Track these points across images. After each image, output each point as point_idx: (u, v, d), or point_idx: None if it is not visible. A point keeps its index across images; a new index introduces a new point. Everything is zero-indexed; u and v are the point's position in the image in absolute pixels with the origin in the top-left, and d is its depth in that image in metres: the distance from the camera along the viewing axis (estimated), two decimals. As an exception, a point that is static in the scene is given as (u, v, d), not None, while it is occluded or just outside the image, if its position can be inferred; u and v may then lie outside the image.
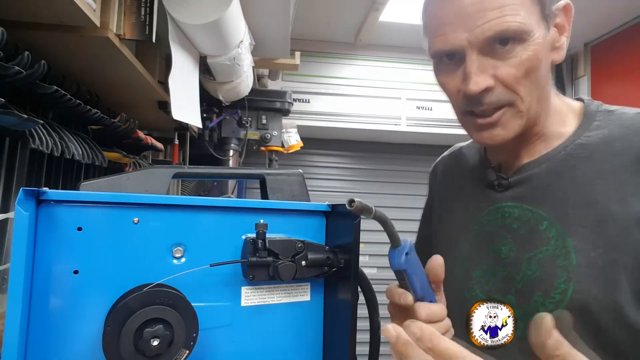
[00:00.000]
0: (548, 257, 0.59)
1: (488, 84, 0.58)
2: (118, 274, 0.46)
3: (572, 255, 0.57)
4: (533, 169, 0.64)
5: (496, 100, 0.59)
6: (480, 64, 0.58)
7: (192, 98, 1.10)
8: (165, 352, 0.42)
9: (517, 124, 0.60)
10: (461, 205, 0.74)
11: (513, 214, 0.64)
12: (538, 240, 0.61)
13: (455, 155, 0.83)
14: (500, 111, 0.60)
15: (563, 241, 0.59)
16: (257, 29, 1.36)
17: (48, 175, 0.94)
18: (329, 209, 0.57)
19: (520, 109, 0.60)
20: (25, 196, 0.40)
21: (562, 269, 0.58)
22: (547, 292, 0.58)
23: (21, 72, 0.68)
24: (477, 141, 0.65)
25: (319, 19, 2.45)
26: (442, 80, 0.64)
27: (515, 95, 0.59)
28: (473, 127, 0.63)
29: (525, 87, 0.59)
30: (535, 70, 0.58)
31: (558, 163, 0.62)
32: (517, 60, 0.57)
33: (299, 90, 2.56)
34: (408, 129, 2.64)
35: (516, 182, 0.65)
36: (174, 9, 0.95)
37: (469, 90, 0.58)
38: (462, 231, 0.72)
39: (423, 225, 0.91)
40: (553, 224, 0.60)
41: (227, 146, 1.83)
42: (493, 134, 0.61)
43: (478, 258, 0.68)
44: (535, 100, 0.60)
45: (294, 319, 0.55)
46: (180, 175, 0.58)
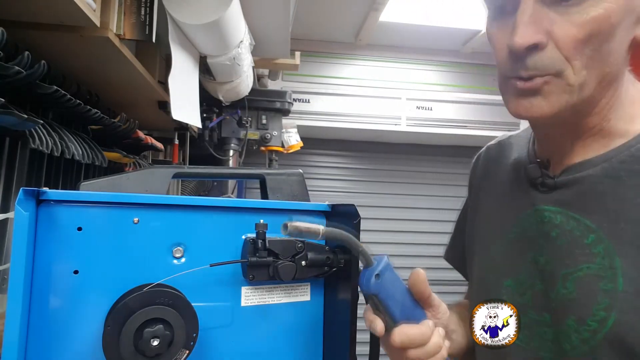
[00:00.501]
0: (589, 277, 0.50)
1: (537, 39, 0.47)
2: (118, 274, 0.46)
3: (619, 280, 0.48)
4: (586, 169, 0.53)
5: (543, 66, 0.48)
6: (533, 14, 0.47)
7: (192, 98, 1.10)
8: (165, 352, 0.42)
9: (564, 99, 0.49)
10: (500, 202, 0.65)
11: (554, 220, 0.54)
12: (580, 256, 0.51)
13: (502, 144, 0.71)
14: (545, 78, 0.49)
15: (611, 261, 0.49)
16: (257, 29, 1.36)
17: (48, 175, 0.94)
18: (329, 209, 0.57)
19: (569, 82, 0.48)
20: (25, 196, 0.40)
21: (604, 293, 0.49)
22: (583, 318, 0.50)
23: (21, 72, 0.68)
24: (511, 112, 0.53)
25: (319, 19, 2.45)
26: (490, 35, 0.54)
27: (567, 63, 0.47)
28: (511, 92, 0.52)
29: (582, 55, 0.47)
30: (602, 37, 0.46)
31: (617, 166, 0.51)
32: (581, 17, 0.45)
33: (299, 90, 2.56)
34: (408, 129, 2.64)
35: (563, 183, 0.55)
36: (174, 9, 0.95)
37: (514, 44, 0.47)
38: (498, 232, 0.63)
39: (461, 221, 0.80)
40: (601, 239, 0.50)
41: (227, 146, 1.83)
42: (532, 103, 0.50)
43: (512, 265, 0.59)
44: (594, 78, 0.48)
45: (294, 319, 0.55)
46: (180, 175, 0.58)
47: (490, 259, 0.63)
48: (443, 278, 2.72)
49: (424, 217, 2.84)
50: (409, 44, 2.68)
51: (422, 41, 2.62)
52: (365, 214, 2.24)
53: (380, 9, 2.24)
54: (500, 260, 0.61)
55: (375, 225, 2.78)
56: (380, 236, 2.79)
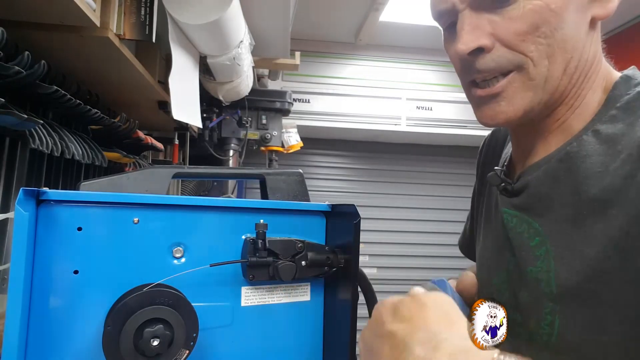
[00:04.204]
0: (534, 281, 0.50)
1: (480, 42, 0.46)
2: (118, 274, 0.46)
3: (553, 282, 0.47)
4: (534, 171, 0.52)
5: (495, 65, 0.47)
6: (472, 21, 0.47)
7: (192, 98, 1.10)
8: (165, 352, 0.42)
9: (528, 97, 0.47)
10: (486, 197, 0.64)
11: (510, 222, 0.54)
12: (527, 258, 0.51)
13: (504, 130, 0.68)
14: (505, 79, 0.47)
15: (547, 263, 0.48)
16: (257, 29, 1.36)
17: (48, 175, 0.94)
18: (329, 209, 0.57)
19: (531, 76, 0.46)
20: (25, 196, 0.40)
21: (546, 297, 0.48)
22: (538, 322, 0.49)
23: (21, 72, 0.68)
24: (480, 121, 0.52)
25: (319, 19, 2.45)
26: (446, 50, 0.54)
27: (523, 57, 0.46)
28: (474, 101, 0.52)
29: (537, 45, 0.45)
30: (551, 24, 0.45)
31: (556, 165, 0.49)
32: (519, 12, 0.45)
33: (299, 90, 2.56)
34: (408, 129, 2.64)
35: (518, 187, 0.54)
36: (174, 9, 0.95)
37: (457, 51, 0.47)
38: (486, 230, 0.63)
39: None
40: (544, 241, 0.49)
41: (227, 146, 1.84)
42: (495, 110, 0.49)
43: (496, 263, 0.59)
44: (558, 67, 0.46)
45: (294, 319, 0.55)
46: (180, 175, 0.58)
47: (482, 255, 0.63)
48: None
49: (424, 217, 2.85)
50: (409, 44, 2.68)
51: (422, 41, 2.61)
52: (365, 214, 2.25)
53: (381, 9, 2.24)
54: (490, 257, 0.61)
55: (375, 225, 2.78)
56: (380, 236, 2.79)
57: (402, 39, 2.63)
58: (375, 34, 2.55)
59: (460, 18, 0.48)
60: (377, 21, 2.39)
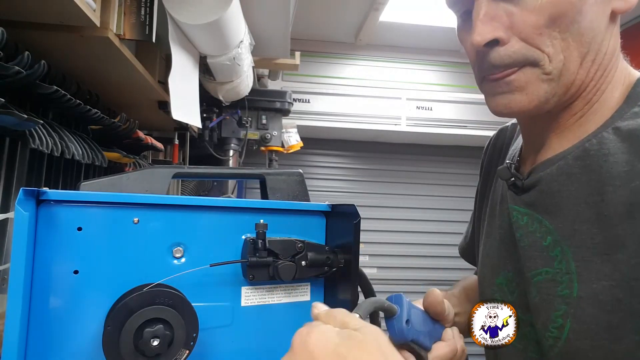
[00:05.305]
0: (548, 282, 0.48)
1: (495, 34, 0.45)
2: (118, 274, 0.46)
3: (575, 285, 0.46)
4: (547, 167, 0.50)
5: (510, 62, 0.46)
6: (488, 10, 0.45)
7: (192, 98, 1.10)
8: (165, 352, 0.42)
9: (543, 89, 0.46)
10: (496, 194, 0.62)
11: (520, 221, 0.52)
12: (540, 259, 0.49)
13: (510, 129, 0.67)
14: (520, 71, 0.46)
15: (567, 265, 0.46)
16: (257, 29, 1.36)
17: (48, 175, 0.94)
18: (329, 209, 0.57)
19: (547, 70, 0.45)
20: (25, 196, 0.40)
21: (561, 299, 0.47)
22: (545, 324, 0.48)
23: (21, 72, 0.68)
24: (492, 111, 0.51)
25: (319, 19, 2.44)
26: (461, 40, 0.53)
27: (539, 52, 0.45)
28: (488, 91, 0.50)
29: (553, 40, 0.44)
30: (568, 17, 0.44)
31: (572, 163, 0.47)
32: (536, 3, 0.44)
33: (299, 90, 2.56)
34: (408, 129, 2.64)
35: (529, 183, 0.52)
36: (174, 9, 0.95)
37: (472, 42, 0.46)
38: (490, 227, 0.62)
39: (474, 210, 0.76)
40: (558, 241, 0.48)
41: (227, 146, 1.83)
42: (509, 99, 0.47)
43: (501, 262, 0.58)
44: (574, 61, 0.45)
45: (294, 319, 0.54)
46: (180, 175, 0.58)
47: (485, 254, 0.62)
48: (443, 278, 2.72)
49: (424, 217, 2.85)
50: (409, 44, 2.68)
51: (422, 41, 2.61)
52: (365, 214, 2.24)
53: (381, 9, 2.24)
54: (494, 256, 0.60)
55: (375, 225, 2.78)
56: (380, 236, 2.79)
57: (402, 39, 2.63)
58: (375, 34, 2.55)
59: (476, 6, 0.46)
60: (377, 21, 2.39)
